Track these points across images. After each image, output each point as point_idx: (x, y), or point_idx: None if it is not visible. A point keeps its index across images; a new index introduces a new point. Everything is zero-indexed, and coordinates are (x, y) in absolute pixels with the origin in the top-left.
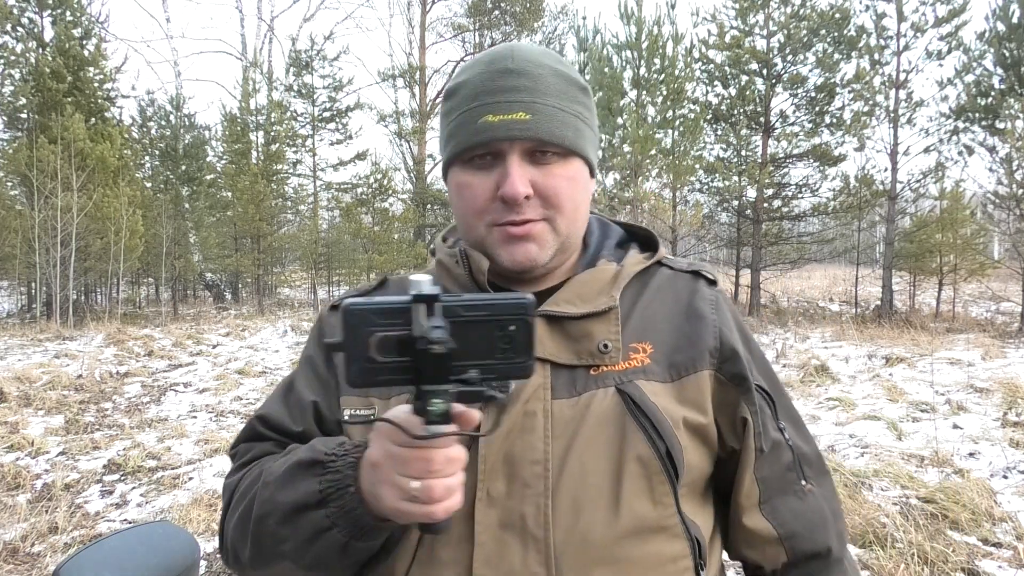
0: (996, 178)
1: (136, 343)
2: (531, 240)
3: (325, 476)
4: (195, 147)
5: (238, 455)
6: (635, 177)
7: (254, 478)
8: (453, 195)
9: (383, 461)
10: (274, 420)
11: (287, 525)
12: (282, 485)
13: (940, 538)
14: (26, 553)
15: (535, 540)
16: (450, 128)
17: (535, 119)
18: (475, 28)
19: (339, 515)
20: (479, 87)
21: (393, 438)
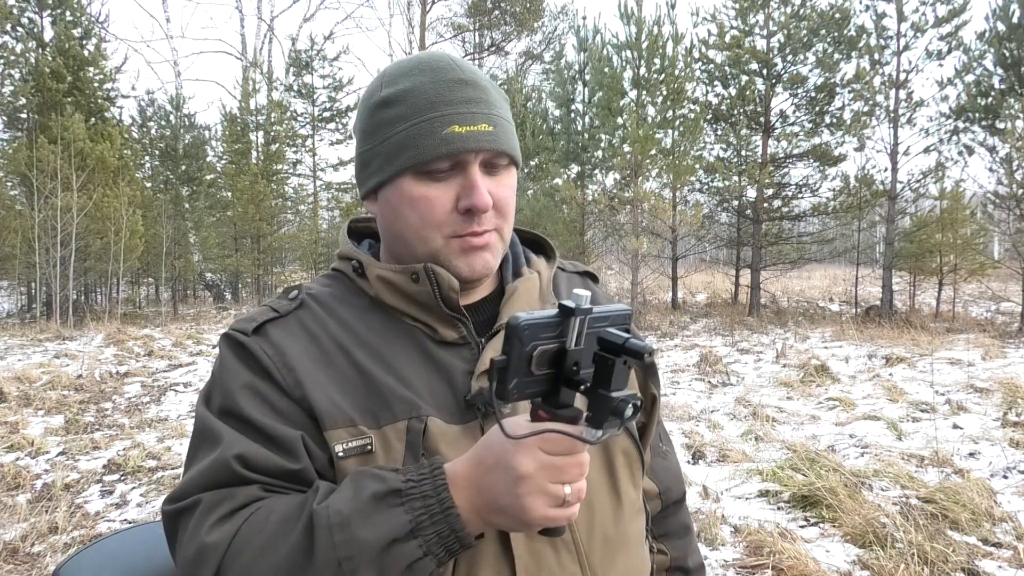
0: (996, 178)
1: (136, 343)
2: (487, 250)
3: (411, 503)
4: (195, 147)
5: (203, 505)
6: (635, 177)
7: (277, 531)
8: (401, 208)
9: (536, 472)
10: (258, 460)
11: (374, 564)
12: (360, 526)
13: (940, 538)
14: (26, 553)
15: (564, 543)
16: (398, 139)
17: (495, 131)
18: (475, 28)
19: (434, 542)
20: (435, 97)
21: (551, 448)
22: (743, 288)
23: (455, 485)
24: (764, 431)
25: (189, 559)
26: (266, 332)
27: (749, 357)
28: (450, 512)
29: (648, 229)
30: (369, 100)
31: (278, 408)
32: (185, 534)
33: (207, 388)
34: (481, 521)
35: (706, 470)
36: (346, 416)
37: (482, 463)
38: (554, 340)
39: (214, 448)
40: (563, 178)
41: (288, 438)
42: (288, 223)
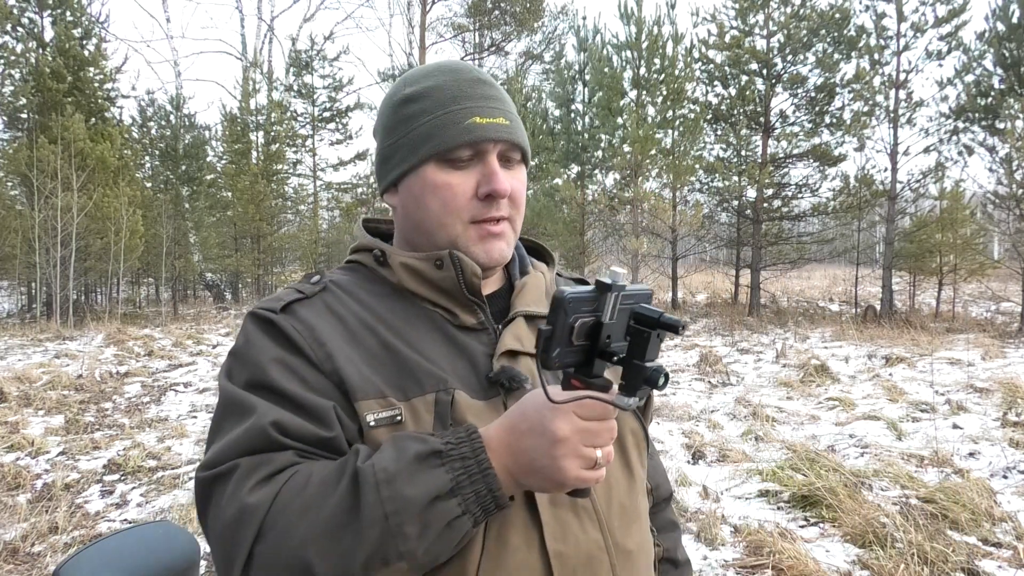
0: (996, 178)
1: (136, 343)
2: (502, 238)
3: (451, 464)
4: (195, 147)
5: (241, 469)
6: (635, 177)
7: (320, 490)
8: (424, 195)
9: (572, 436)
10: (294, 427)
11: (417, 520)
12: (405, 483)
13: (940, 538)
14: (26, 553)
15: (586, 511)
16: (423, 130)
17: (511, 126)
18: (475, 28)
19: (472, 501)
20: (457, 92)
21: (586, 413)
22: (743, 288)
23: (490, 448)
24: (764, 431)
25: (228, 521)
26: (294, 311)
27: (749, 357)
28: (488, 472)
29: (648, 229)
30: (392, 99)
31: (309, 381)
32: (223, 498)
33: (228, 365)
34: (514, 483)
35: (706, 470)
36: (376, 388)
37: (516, 428)
38: (591, 314)
39: (245, 418)
40: (563, 178)
41: (321, 407)
42: (288, 223)
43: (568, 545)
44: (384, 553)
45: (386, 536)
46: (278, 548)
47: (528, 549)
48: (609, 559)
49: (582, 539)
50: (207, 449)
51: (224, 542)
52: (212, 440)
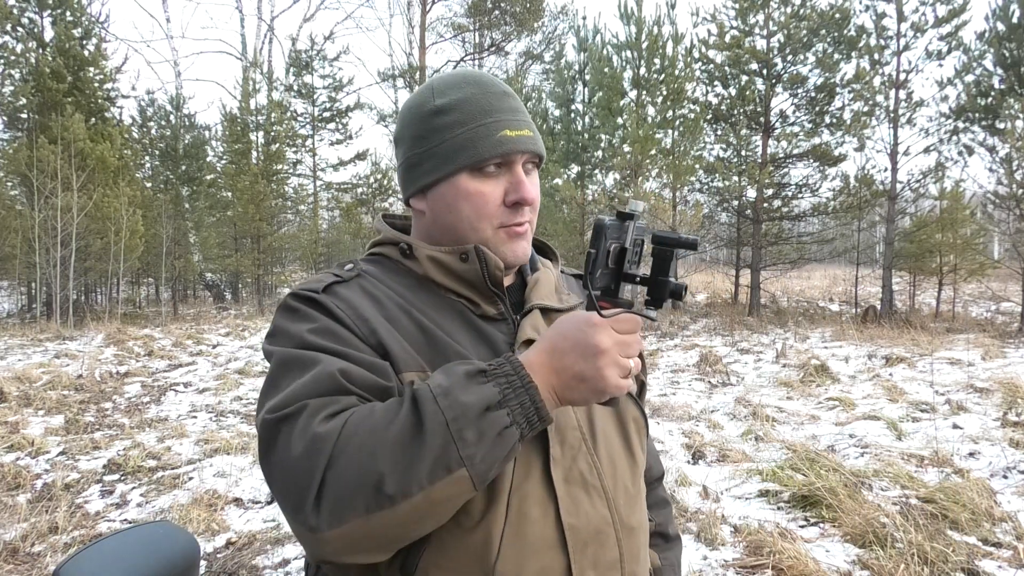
0: (996, 178)
1: (136, 343)
2: (525, 238)
3: (496, 380)
4: (195, 147)
5: (310, 408)
6: (635, 177)
7: (384, 414)
8: (457, 202)
9: (612, 347)
10: (357, 376)
11: (475, 426)
12: (459, 394)
13: (940, 538)
14: (26, 553)
15: (596, 489)
16: (457, 141)
17: (534, 137)
18: (475, 28)
19: (519, 412)
20: (488, 106)
21: (621, 327)
22: (743, 288)
23: (530, 368)
24: (764, 431)
25: (299, 453)
26: (335, 291)
27: (749, 357)
28: (530, 386)
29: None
30: (422, 109)
31: (357, 348)
32: (292, 433)
33: (273, 340)
34: (556, 399)
35: (706, 470)
36: (417, 363)
37: (558, 348)
38: (616, 241)
39: (308, 368)
40: (563, 178)
41: (378, 363)
42: (288, 223)
43: (580, 519)
44: (447, 458)
45: (447, 441)
46: (349, 468)
47: (545, 521)
48: (615, 534)
49: (592, 514)
50: (261, 403)
51: (295, 473)
52: (267, 397)
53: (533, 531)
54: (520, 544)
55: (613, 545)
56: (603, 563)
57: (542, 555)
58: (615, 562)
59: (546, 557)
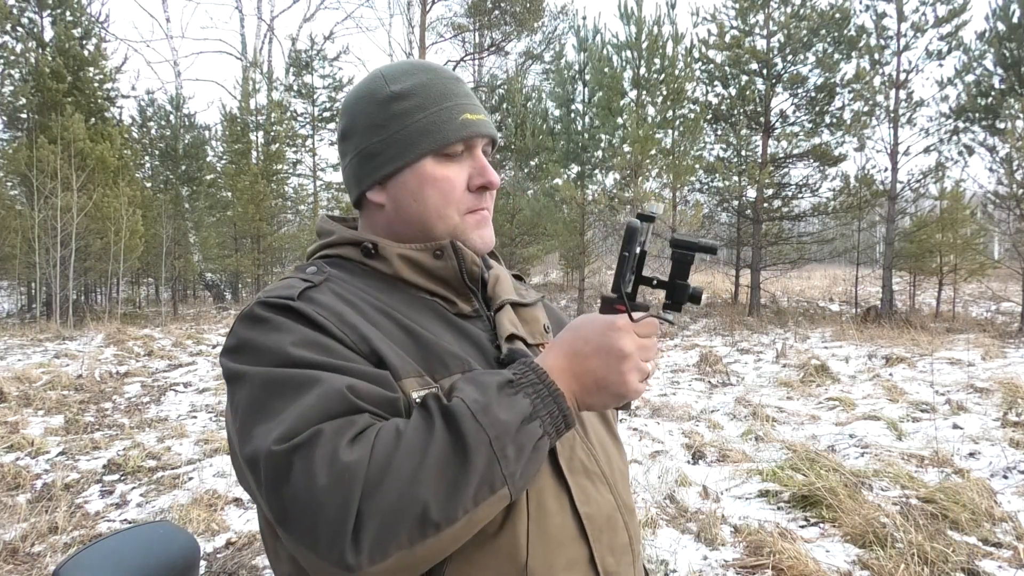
0: (996, 178)
1: (136, 343)
2: (489, 225)
3: (524, 390)
4: (195, 147)
5: (327, 433)
6: (635, 177)
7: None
8: (423, 189)
9: (634, 351)
10: (365, 391)
11: (514, 442)
12: (499, 407)
13: (940, 538)
14: (26, 553)
15: (597, 475)
16: (419, 125)
17: (490, 122)
18: (475, 28)
19: (548, 422)
20: (446, 90)
21: (643, 331)
22: (743, 288)
23: (554, 373)
24: (764, 431)
25: (325, 485)
26: (311, 297)
27: (749, 357)
28: (557, 394)
29: None
30: (376, 96)
31: (348, 358)
32: (313, 463)
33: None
34: (576, 404)
35: (706, 470)
36: (414, 368)
37: (580, 352)
38: (638, 245)
39: (306, 389)
40: (563, 178)
41: (378, 372)
42: (288, 223)
43: (592, 507)
44: (491, 478)
45: (491, 460)
46: (388, 499)
47: (563, 514)
48: (622, 517)
49: (601, 501)
50: (247, 435)
51: (324, 508)
52: (256, 424)
53: (555, 524)
54: (546, 540)
55: (622, 528)
56: (617, 547)
57: (567, 547)
58: (626, 545)
59: (571, 549)
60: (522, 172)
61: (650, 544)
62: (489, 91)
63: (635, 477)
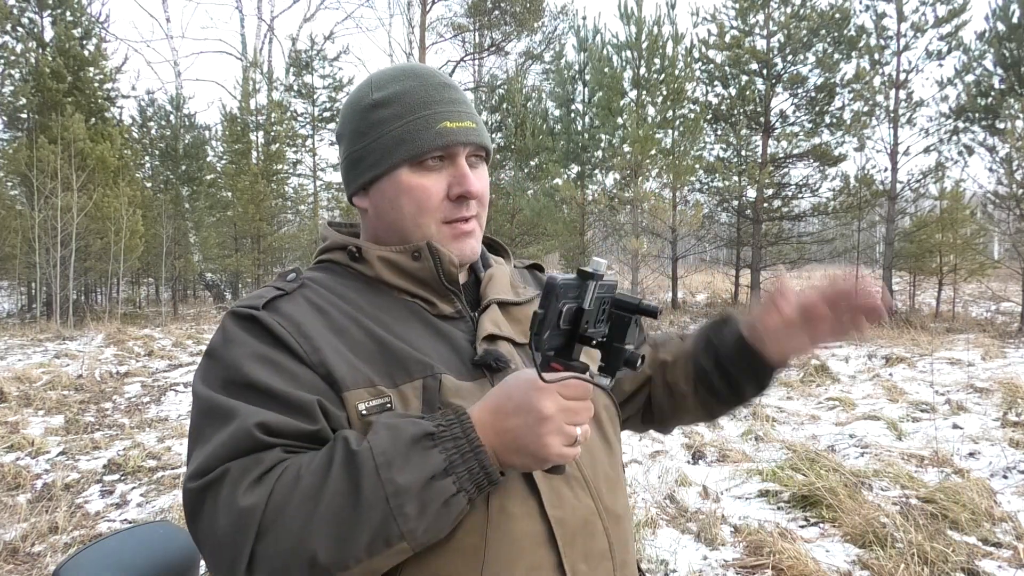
0: (996, 178)
1: (136, 343)
2: (472, 236)
3: (444, 444)
4: (195, 147)
5: (232, 474)
6: (635, 177)
7: (315, 480)
8: (398, 198)
9: (556, 414)
10: (278, 425)
11: (417, 500)
12: (403, 465)
13: (940, 538)
14: (26, 553)
15: (576, 479)
16: (394, 135)
17: (477, 128)
18: (475, 28)
19: (466, 479)
20: (425, 97)
21: (569, 393)
22: (743, 288)
23: (480, 428)
24: (764, 431)
25: (225, 527)
26: (276, 307)
27: None
28: (479, 450)
29: (648, 229)
30: (360, 103)
31: (294, 374)
32: (216, 504)
33: (203, 366)
34: (499, 463)
35: (706, 470)
36: (365, 377)
37: (501, 409)
38: (574, 300)
39: (227, 422)
40: (563, 178)
41: (304, 402)
42: (288, 223)
43: (566, 511)
44: (387, 534)
45: (387, 517)
46: (280, 543)
47: (530, 518)
48: (602, 522)
49: (577, 505)
50: (189, 457)
51: (223, 548)
52: (193, 447)
53: (519, 529)
54: (507, 544)
55: (601, 534)
56: (594, 554)
57: (530, 552)
58: (605, 552)
59: (535, 554)
60: (522, 172)
61: (650, 544)
62: (489, 91)
63: (635, 477)
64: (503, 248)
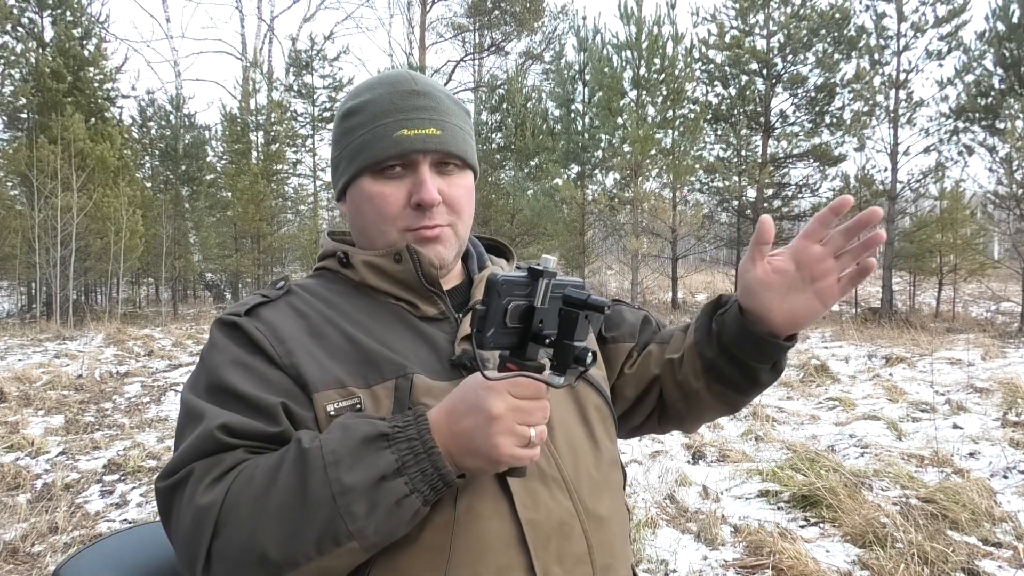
0: (996, 178)
1: (136, 343)
2: (439, 242)
3: (397, 445)
4: (195, 147)
5: (195, 474)
6: (635, 177)
7: (266, 479)
8: (361, 205)
9: (506, 414)
10: (240, 427)
11: (365, 499)
12: (352, 464)
13: (940, 538)
14: (26, 553)
15: (555, 480)
16: (357, 143)
17: (444, 135)
18: (475, 28)
19: (419, 480)
20: (388, 105)
21: (520, 392)
22: None
23: (435, 430)
24: (764, 431)
25: (187, 526)
26: (258, 313)
27: None
28: (432, 451)
29: (648, 229)
30: (339, 111)
31: (265, 378)
32: (181, 503)
33: (194, 374)
34: (455, 465)
35: (706, 470)
36: (336, 379)
37: (455, 410)
38: (524, 299)
39: (196, 424)
40: (563, 178)
41: (268, 404)
42: (288, 223)
43: (540, 513)
44: (335, 532)
45: (335, 516)
46: (233, 540)
47: (500, 518)
48: (581, 525)
49: (553, 507)
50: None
51: (185, 545)
52: (174, 449)
53: (488, 530)
54: (474, 545)
55: (580, 537)
56: (570, 557)
57: (499, 554)
58: (583, 555)
59: (504, 556)
60: (522, 172)
61: (650, 544)
62: (489, 91)
63: (635, 477)
64: (508, 250)
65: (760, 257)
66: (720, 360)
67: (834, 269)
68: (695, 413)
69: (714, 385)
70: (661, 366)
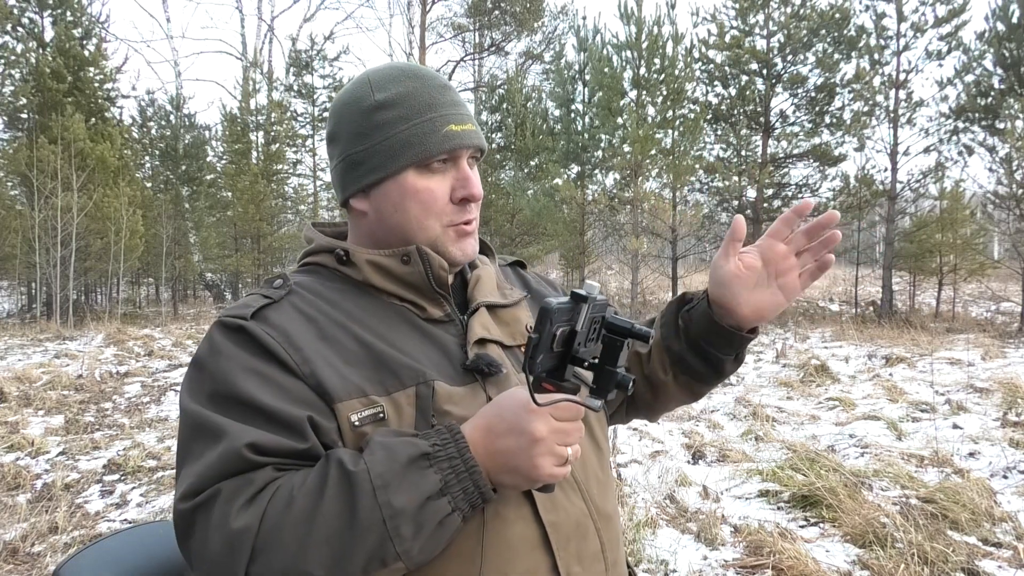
0: (996, 178)
1: (136, 343)
2: (473, 236)
3: (439, 464)
4: (195, 147)
5: (224, 494)
6: (635, 177)
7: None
8: (403, 201)
9: (548, 435)
10: (270, 445)
11: (413, 521)
12: (399, 486)
13: (940, 538)
14: (26, 553)
15: (568, 483)
16: (402, 137)
17: (477, 131)
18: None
19: (461, 498)
20: (430, 99)
21: (561, 415)
22: None
23: (474, 447)
24: (764, 431)
25: (218, 549)
26: (265, 316)
27: (749, 357)
28: (474, 469)
29: (648, 229)
30: (361, 104)
31: (284, 388)
32: (208, 527)
33: (190, 378)
34: (491, 481)
35: (706, 470)
36: (357, 387)
37: (493, 430)
38: (567, 323)
39: (216, 440)
40: (563, 178)
41: (295, 419)
42: (288, 223)
43: (559, 515)
44: (383, 554)
45: (384, 538)
46: (274, 564)
47: (524, 522)
48: (594, 524)
49: (570, 509)
50: (178, 473)
51: (215, 569)
52: (183, 464)
53: (514, 534)
54: (502, 548)
55: (594, 536)
56: (587, 556)
57: (526, 556)
58: (598, 553)
59: (530, 558)
60: (522, 172)
61: (650, 544)
62: (489, 91)
63: (635, 477)
64: (487, 246)
65: (733, 253)
66: (687, 353)
67: (796, 266)
68: (661, 403)
69: (681, 376)
70: (630, 361)
